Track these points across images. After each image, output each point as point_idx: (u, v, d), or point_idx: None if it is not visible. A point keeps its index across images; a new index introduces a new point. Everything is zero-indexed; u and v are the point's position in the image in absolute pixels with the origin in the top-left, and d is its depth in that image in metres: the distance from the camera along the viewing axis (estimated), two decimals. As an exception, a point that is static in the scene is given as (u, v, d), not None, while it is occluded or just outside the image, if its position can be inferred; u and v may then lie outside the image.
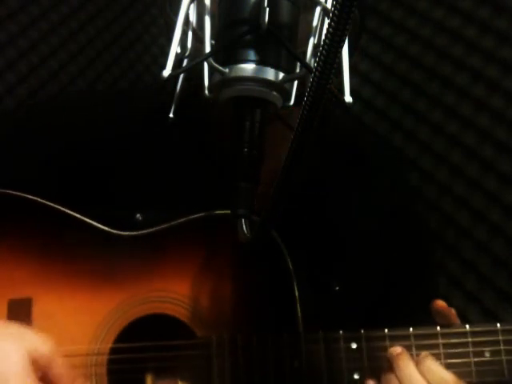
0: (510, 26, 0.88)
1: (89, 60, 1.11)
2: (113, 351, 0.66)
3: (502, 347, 0.62)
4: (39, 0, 1.03)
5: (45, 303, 0.67)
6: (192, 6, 0.50)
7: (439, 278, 0.95)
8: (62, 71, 1.06)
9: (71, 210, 0.69)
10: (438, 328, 0.64)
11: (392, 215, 0.83)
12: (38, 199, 0.69)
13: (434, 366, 0.60)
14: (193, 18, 0.51)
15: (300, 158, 0.38)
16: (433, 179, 0.98)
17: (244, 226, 0.47)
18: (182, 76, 0.56)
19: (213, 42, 0.48)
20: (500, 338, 0.62)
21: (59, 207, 0.69)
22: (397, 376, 0.60)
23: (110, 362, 0.66)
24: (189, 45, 0.52)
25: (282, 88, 0.47)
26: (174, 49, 0.48)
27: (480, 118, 0.92)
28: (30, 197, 0.69)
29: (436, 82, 0.98)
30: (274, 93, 0.47)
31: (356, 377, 0.63)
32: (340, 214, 0.81)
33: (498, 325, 0.63)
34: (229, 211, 0.48)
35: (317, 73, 0.33)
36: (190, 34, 0.52)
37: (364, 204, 0.82)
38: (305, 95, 0.35)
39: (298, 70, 0.48)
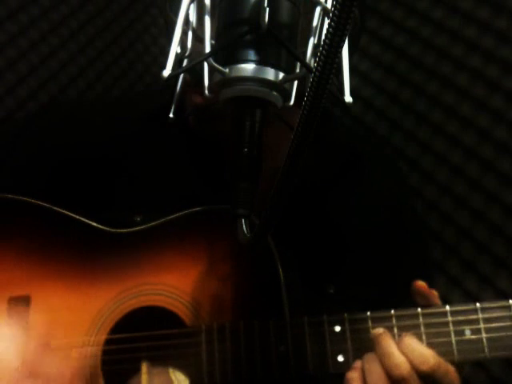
0: (510, 26, 0.88)
1: (89, 60, 1.11)
2: (107, 342, 0.67)
3: (481, 325, 0.63)
4: (39, 0, 1.03)
5: (42, 300, 0.69)
6: (192, 5, 0.50)
7: (439, 278, 0.95)
8: (62, 71, 1.06)
9: (69, 211, 0.71)
10: (419, 309, 0.64)
11: (391, 217, 0.83)
12: (34, 201, 0.71)
13: (414, 343, 0.60)
14: (193, 18, 0.51)
15: (300, 158, 0.38)
16: (433, 179, 0.98)
17: (244, 226, 0.47)
18: (181, 76, 0.56)
19: (213, 41, 0.48)
20: (480, 316, 0.63)
21: (56, 208, 0.71)
22: (377, 354, 0.61)
23: (104, 352, 0.67)
24: (189, 45, 0.52)
25: (282, 88, 0.47)
26: (174, 49, 0.48)
27: (480, 118, 0.92)
28: (27, 199, 0.71)
29: (436, 82, 0.98)
30: (274, 93, 0.47)
31: (340, 359, 0.64)
32: (338, 215, 0.81)
33: (478, 304, 0.64)
34: (224, 206, 0.48)
35: (317, 73, 0.33)
36: (189, 34, 0.52)
37: (362, 205, 0.82)
38: (305, 95, 0.35)
39: (298, 70, 0.48)
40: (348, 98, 0.50)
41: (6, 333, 0.62)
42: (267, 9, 0.44)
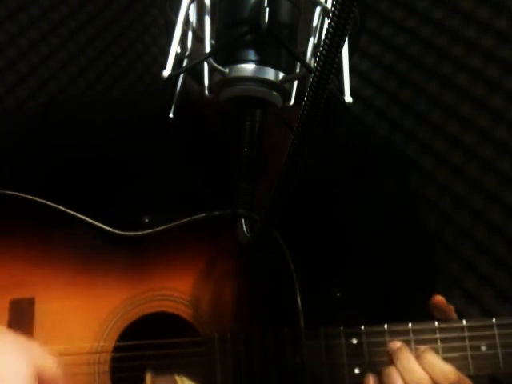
0: (510, 26, 0.88)
1: (89, 60, 1.11)
2: (116, 349, 0.66)
3: (497, 341, 0.64)
4: (39, 0, 1.03)
5: (48, 302, 0.67)
6: (192, 5, 0.50)
7: (441, 281, 0.95)
8: (62, 71, 1.06)
9: (76, 212, 0.70)
10: (436, 323, 0.65)
11: (398, 222, 0.83)
12: (40, 200, 0.70)
13: (435, 359, 0.61)
14: (193, 18, 0.51)
15: (300, 158, 0.38)
16: (433, 179, 0.98)
17: (244, 226, 0.47)
18: (181, 76, 0.56)
19: (213, 41, 0.48)
20: (496, 332, 0.64)
21: (62, 208, 0.70)
22: (398, 369, 0.61)
23: (113, 359, 0.66)
24: (189, 45, 0.52)
25: (282, 88, 0.47)
26: (174, 49, 0.48)
27: (480, 118, 0.92)
28: (32, 198, 0.70)
29: (436, 82, 0.98)
30: (274, 93, 0.47)
31: (357, 371, 0.64)
32: (345, 218, 0.80)
33: (494, 320, 0.64)
34: (229, 211, 0.48)
35: (317, 73, 0.33)
36: (189, 34, 0.52)
37: (370, 209, 0.81)
38: (305, 95, 0.35)
39: (298, 70, 0.48)
40: (348, 98, 0.50)
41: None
42: (267, 9, 0.44)
